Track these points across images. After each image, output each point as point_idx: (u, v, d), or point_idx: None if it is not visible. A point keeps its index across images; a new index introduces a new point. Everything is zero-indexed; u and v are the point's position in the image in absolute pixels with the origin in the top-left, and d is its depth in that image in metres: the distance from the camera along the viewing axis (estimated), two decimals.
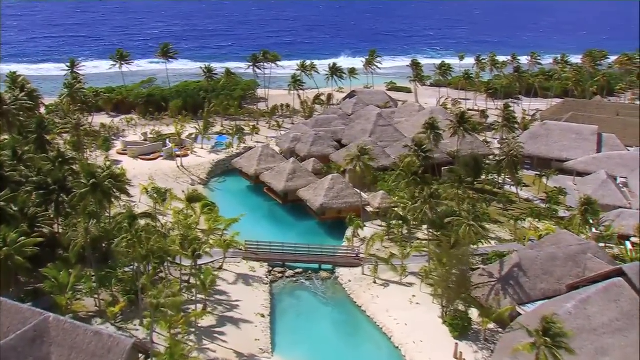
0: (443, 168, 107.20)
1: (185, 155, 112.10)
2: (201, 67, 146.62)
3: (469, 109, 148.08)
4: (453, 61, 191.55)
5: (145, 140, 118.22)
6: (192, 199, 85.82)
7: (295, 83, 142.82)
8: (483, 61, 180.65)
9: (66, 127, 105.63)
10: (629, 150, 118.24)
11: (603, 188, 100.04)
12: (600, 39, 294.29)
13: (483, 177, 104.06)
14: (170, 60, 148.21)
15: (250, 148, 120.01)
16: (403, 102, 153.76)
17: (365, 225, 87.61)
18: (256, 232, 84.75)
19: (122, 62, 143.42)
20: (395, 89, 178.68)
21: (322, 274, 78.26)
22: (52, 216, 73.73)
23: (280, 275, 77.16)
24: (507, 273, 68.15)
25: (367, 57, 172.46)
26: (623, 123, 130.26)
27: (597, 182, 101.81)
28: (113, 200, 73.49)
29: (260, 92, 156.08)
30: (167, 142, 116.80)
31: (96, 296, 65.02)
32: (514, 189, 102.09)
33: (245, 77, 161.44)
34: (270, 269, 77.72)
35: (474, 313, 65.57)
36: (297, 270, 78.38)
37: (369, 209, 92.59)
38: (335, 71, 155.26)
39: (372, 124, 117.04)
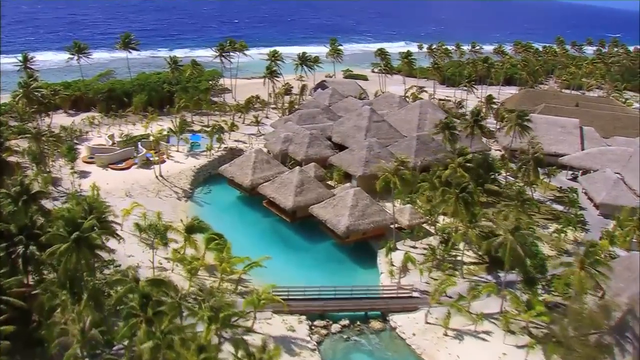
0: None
1: (162, 162, 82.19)
2: (165, 58, 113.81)
3: (441, 99, 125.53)
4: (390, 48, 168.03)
5: (114, 144, 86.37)
6: (192, 229, 57.64)
7: (271, 74, 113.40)
8: (435, 50, 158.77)
9: (25, 135, 72.92)
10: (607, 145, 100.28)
11: (615, 188, 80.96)
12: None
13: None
14: (131, 51, 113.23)
15: (232, 149, 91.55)
16: (380, 93, 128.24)
17: (396, 248, 63.43)
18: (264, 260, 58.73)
19: (80, 55, 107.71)
20: (351, 77, 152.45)
21: (372, 323, 53.03)
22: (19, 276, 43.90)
23: (324, 332, 51.27)
24: (620, 323, 46.35)
25: (330, 46, 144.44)
26: (590, 115, 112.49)
27: (607, 181, 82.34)
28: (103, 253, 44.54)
29: (222, 82, 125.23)
30: (139, 145, 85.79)
31: None
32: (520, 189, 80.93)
33: (206, 67, 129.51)
34: (310, 323, 51.80)
35: None
36: (342, 322, 52.85)
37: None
38: (304, 60, 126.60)
39: (366, 120, 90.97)
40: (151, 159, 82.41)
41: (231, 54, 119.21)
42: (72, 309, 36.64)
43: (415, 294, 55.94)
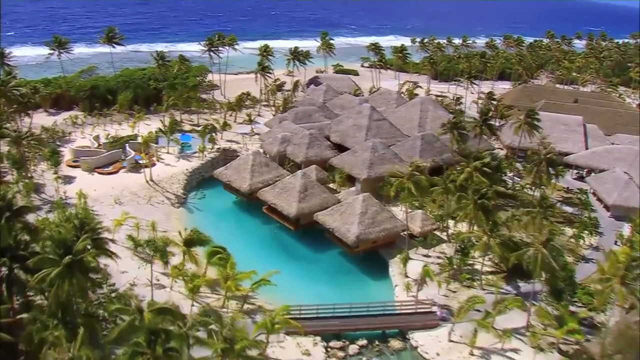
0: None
1: (152, 165, 76.94)
2: (151, 54, 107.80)
3: (437, 95, 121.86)
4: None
5: (100, 146, 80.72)
6: (191, 242, 52.90)
7: (263, 70, 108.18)
8: (427, 44, 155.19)
9: (3, 138, 67.16)
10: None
11: (627, 189, 78.23)
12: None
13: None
14: (114, 46, 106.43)
15: (225, 150, 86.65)
16: (375, 89, 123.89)
17: (409, 257, 59.54)
18: (267, 272, 54.31)
19: (61, 50, 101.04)
20: (342, 72, 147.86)
21: (392, 343, 49.02)
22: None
23: (342, 354, 47.05)
24: None
25: (321, 39, 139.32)
26: (590, 112, 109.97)
27: (618, 182, 79.57)
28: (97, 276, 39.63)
29: (211, 77, 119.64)
30: (127, 147, 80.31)
31: None
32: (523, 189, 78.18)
33: (192, 62, 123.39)
34: (326, 344, 47.58)
35: None
36: (359, 343, 48.69)
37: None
38: (297, 55, 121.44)
39: (366, 118, 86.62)
40: (140, 162, 77.11)
41: (220, 48, 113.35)
42: (68, 347, 31.85)
43: (434, 309, 52.13)
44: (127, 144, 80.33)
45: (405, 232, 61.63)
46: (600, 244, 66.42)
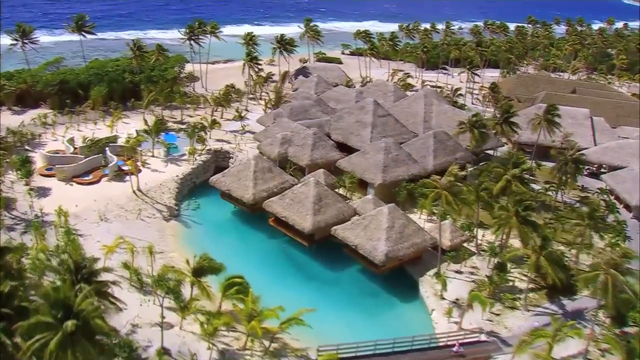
0: (469, 169, 74.98)
1: (138, 171, 67.83)
2: (127, 44, 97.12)
3: (433, 86, 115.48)
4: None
5: (76, 150, 70.89)
6: (201, 271, 44.96)
7: (252, 61, 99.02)
8: (411, 30, 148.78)
9: None
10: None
11: None
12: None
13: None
14: (85, 35, 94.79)
15: (216, 151, 78.13)
16: (366, 79, 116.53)
17: (444, 276, 53.29)
18: (284, 298, 46.90)
19: (25, 40, 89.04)
20: (325, 60, 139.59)
21: None
22: None
23: None
24: None
25: (305, 26, 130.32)
26: (591, 103, 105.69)
27: (638, 180, 75.49)
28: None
29: (192, 68, 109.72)
30: (107, 151, 70.85)
31: None
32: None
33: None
34: None
35: None
36: None
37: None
38: (284, 44, 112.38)
39: (370, 114, 79.47)
40: (124, 168, 68.08)
41: (200, 37, 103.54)
42: None
43: (483, 337, 46.19)
44: (107, 148, 70.85)
45: (438, 246, 55.00)
46: (631, 250, 61.81)
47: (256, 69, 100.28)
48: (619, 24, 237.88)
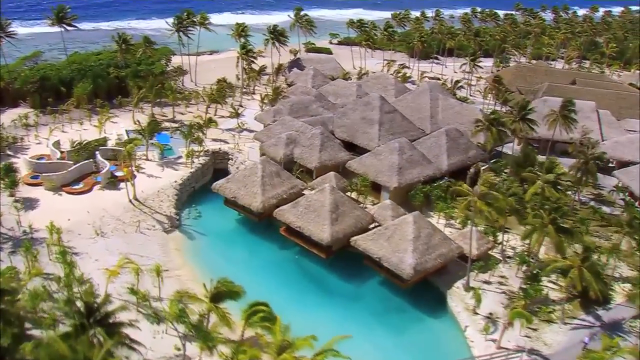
0: (481, 167, 71.21)
1: (133, 177, 62.17)
2: (112, 36, 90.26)
3: (432, 78, 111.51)
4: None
5: (63, 155, 64.76)
6: (219, 297, 40.24)
7: (247, 54, 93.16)
8: (402, 19, 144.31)
9: None
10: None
11: None
12: None
13: None
14: (66, 28, 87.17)
15: (214, 152, 72.98)
16: (362, 71, 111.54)
17: (471, 287, 49.74)
18: (305, 318, 43.93)
19: (2, 34, 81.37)
20: (314, 50, 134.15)
21: None
22: None
23: None
24: None
25: (294, 16, 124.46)
26: (593, 94, 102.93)
27: None
28: None
29: (180, 60, 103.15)
30: (97, 155, 65.00)
31: None
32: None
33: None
34: None
35: None
36: None
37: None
38: (277, 35, 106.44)
39: (377, 110, 74.94)
40: (117, 174, 62.57)
41: (190, 28, 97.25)
42: None
43: (524, 357, 42.82)
44: (97, 152, 65.04)
45: (468, 257, 51.22)
46: None
47: (250, 62, 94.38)
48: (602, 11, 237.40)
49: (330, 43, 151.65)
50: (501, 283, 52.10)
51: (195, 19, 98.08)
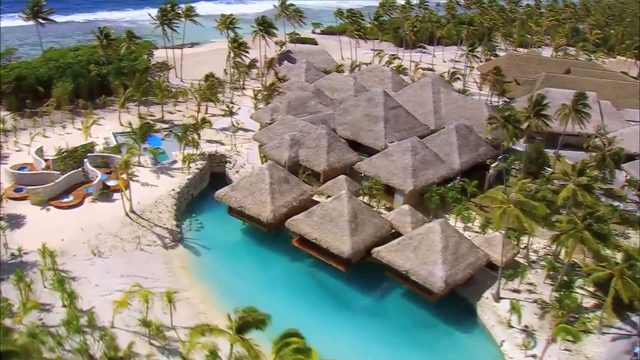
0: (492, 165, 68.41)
1: (126, 187, 56.99)
2: (93, 31, 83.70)
3: (426, 69, 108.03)
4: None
5: (48, 164, 58.96)
6: (245, 327, 36.16)
7: (239, 48, 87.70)
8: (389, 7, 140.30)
9: None
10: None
11: None
12: None
13: None
14: (43, 24, 79.91)
15: (211, 155, 68.15)
16: (355, 63, 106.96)
17: (500, 298, 46.88)
18: (329, 339, 41.03)
19: None
20: (299, 41, 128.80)
21: None
22: None
23: None
24: None
25: (281, 5, 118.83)
26: (591, 84, 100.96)
27: None
28: None
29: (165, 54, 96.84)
30: (86, 163, 59.57)
31: None
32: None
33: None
34: None
35: None
36: None
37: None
38: (267, 26, 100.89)
39: (381, 107, 70.93)
40: (110, 184, 57.42)
41: (174, 21, 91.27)
42: None
43: None
44: (85, 159, 59.59)
45: (498, 267, 48.16)
46: None
47: (243, 57, 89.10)
48: None
49: (314, 33, 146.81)
50: (530, 291, 49.34)
51: (179, 11, 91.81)
